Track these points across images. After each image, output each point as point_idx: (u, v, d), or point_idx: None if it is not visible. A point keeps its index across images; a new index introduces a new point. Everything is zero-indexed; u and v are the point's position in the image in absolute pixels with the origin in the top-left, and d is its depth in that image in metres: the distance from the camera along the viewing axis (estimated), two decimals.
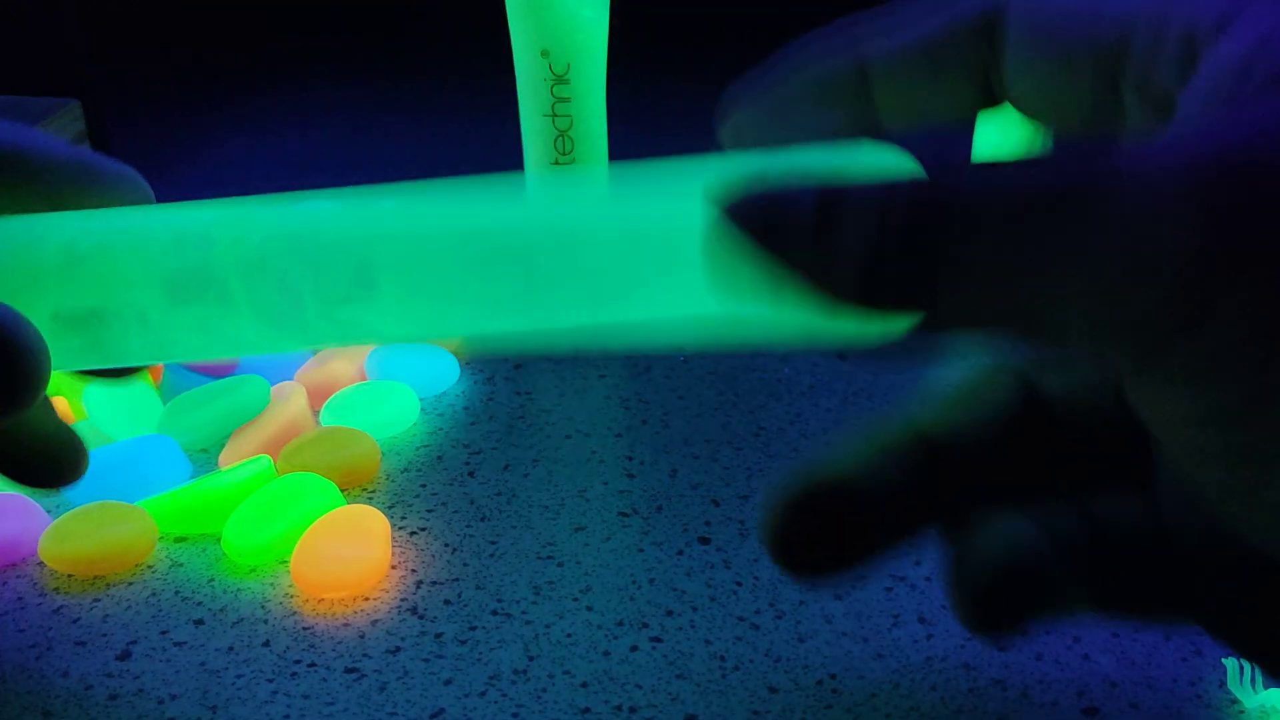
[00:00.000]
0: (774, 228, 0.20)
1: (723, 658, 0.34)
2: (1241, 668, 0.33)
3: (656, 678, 0.33)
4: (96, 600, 0.37)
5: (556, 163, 0.48)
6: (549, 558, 0.38)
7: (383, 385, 0.45)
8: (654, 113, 0.81)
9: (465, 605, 0.36)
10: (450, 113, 0.79)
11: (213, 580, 0.37)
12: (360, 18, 1.01)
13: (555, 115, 0.48)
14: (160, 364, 0.46)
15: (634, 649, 0.34)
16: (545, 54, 0.47)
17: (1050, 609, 0.24)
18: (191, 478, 0.42)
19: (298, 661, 0.34)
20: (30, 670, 0.34)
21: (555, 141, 0.48)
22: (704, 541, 0.39)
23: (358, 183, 0.73)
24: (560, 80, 0.47)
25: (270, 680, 0.33)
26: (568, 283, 0.26)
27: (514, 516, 0.40)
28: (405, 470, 0.43)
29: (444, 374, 0.47)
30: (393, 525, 0.40)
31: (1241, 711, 0.32)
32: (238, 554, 0.38)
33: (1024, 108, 0.24)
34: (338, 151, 0.72)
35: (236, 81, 0.86)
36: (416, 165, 0.70)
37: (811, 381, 0.47)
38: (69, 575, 0.38)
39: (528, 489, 0.41)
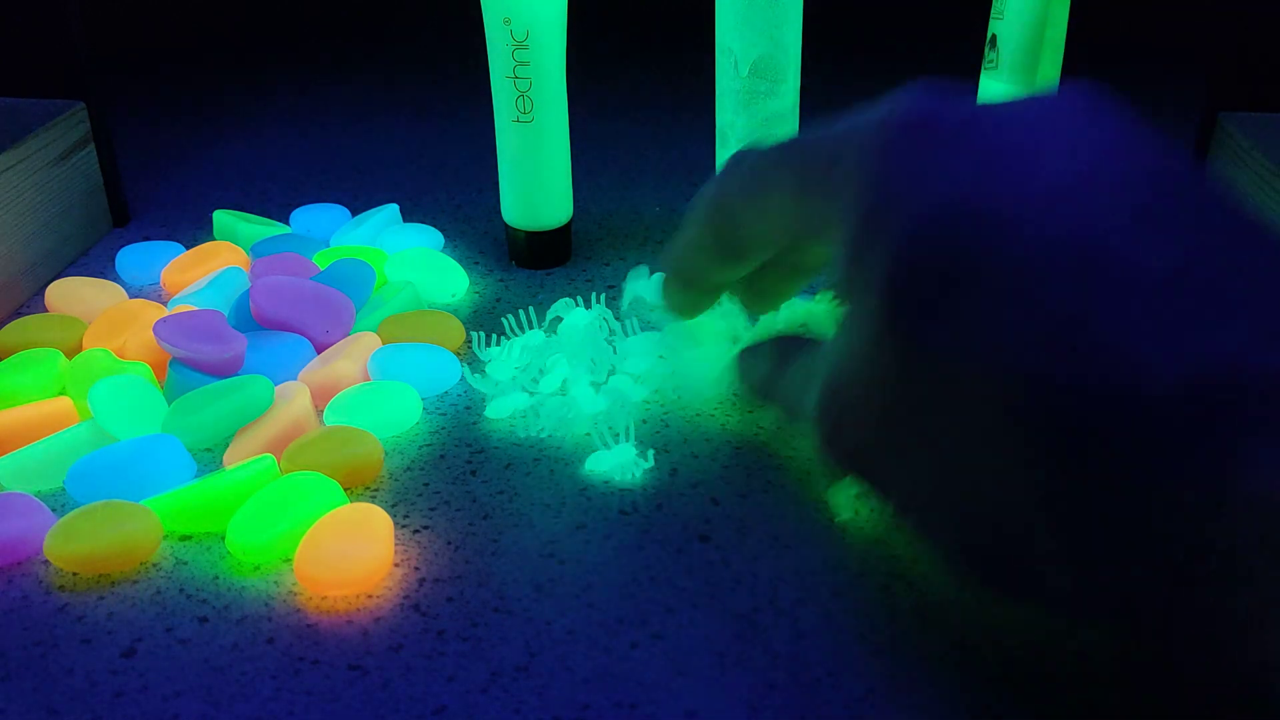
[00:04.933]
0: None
1: (722, 654, 0.34)
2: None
3: (657, 674, 0.34)
4: (101, 598, 0.37)
5: (518, 120, 0.53)
6: (550, 555, 0.38)
7: (385, 385, 0.46)
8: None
9: (467, 603, 0.36)
10: (451, 113, 0.79)
11: (217, 578, 0.38)
12: (359, 19, 1.02)
13: (516, 77, 0.52)
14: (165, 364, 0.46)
15: (634, 646, 0.35)
16: (507, 21, 0.51)
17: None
18: (196, 477, 0.42)
19: (301, 659, 0.34)
20: (35, 668, 0.34)
21: (516, 101, 0.53)
22: (704, 539, 0.39)
23: (357, 182, 0.73)
24: (520, 45, 0.51)
25: (274, 677, 0.34)
26: None
27: (515, 515, 0.40)
28: (408, 469, 0.43)
29: (446, 374, 0.48)
30: (395, 523, 0.40)
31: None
32: (242, 552, 0.38)
33: None
34: (338, 151, 0.73)
35: (238, 83, 0.86)
36: (416, 165, 0.70)
37: None
38: (74, 573, 0.38)
39: (529, 487, 0.42)
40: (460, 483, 0.42)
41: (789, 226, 0.35)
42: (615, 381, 0.46)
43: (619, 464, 0.42)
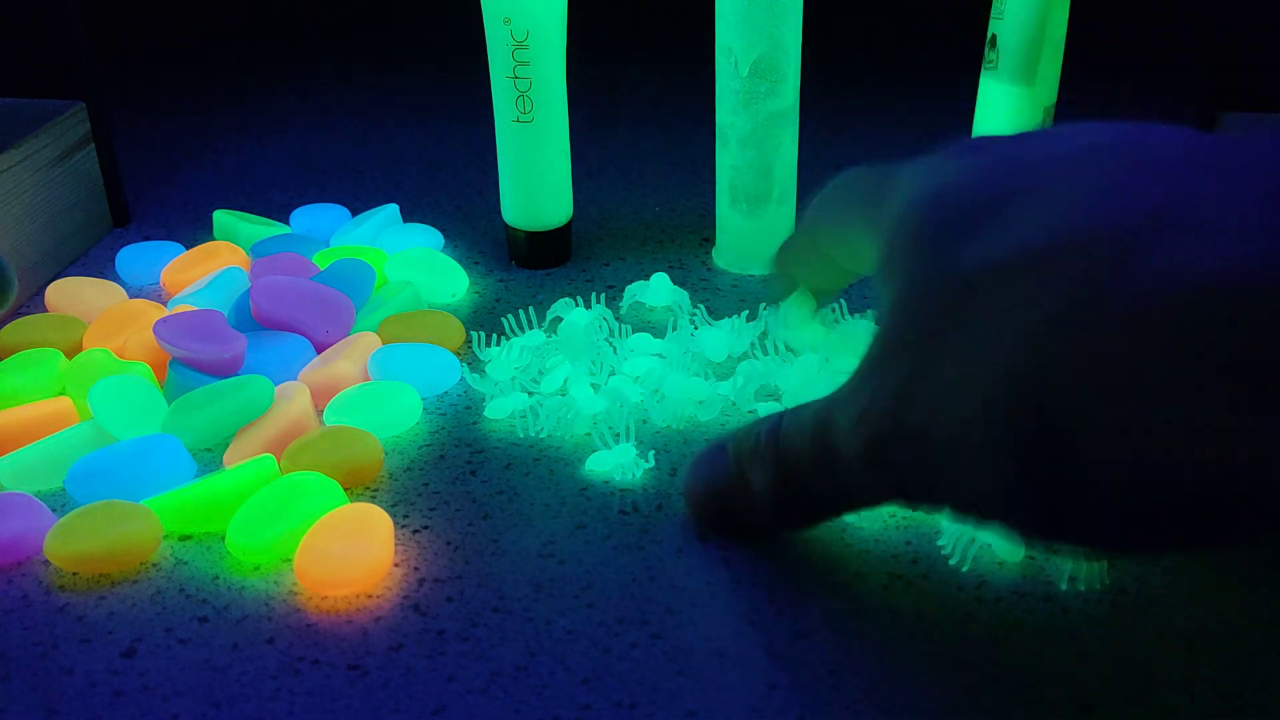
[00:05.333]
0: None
1: (722, 654, 0.34)
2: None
3: (657, 674, 0.34)
4: (101, 598, 0.37)
5: (518, 120, 0.53)
6: (550, 555, 0.38)
7: (385, 385, 0.46)
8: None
9: (467, 603, 0.36)
10: (451, 113, 0.79)
11: (217, 578, 0.38)
12: (359, 19, 1.02)
13: (516, 78, 0.52)
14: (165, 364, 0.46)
15: (634, 646, 0.35)
16: (507, 21, 0.51)
17: None
18: (196, 477, 0.42)
19: (301, 659, 0.34)
20: (35, 668, 0.34)
21: (516, 101, 0.53)
22: (704, 539, 0.39)
23: (357, 182, 0.73)
24: (520, 45, 0.51)
25: (274, 677, 0.34)
26: None
27: (515, 515, 0.40)
28: (408, 469, 0.43)
29: (446, 374, 0.48)
30: (395, 523, 0.40)
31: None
32: (242, 552, 0.38)
33: None
34: (338, 152, 0.73)
35: (238, 83, 0.86)
36: (416, 165, 0.70)
37: None
38: (74, 573, 0.38)
39: (529, 487, 0.42)
40: (460, 483, 0.42)
41: (857, 242, 0.37)
42: (615, 382, 0.46)
43: (619, 464, 0.42)
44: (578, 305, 0.51)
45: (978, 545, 0.37)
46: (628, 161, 0.71)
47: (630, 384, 0.46)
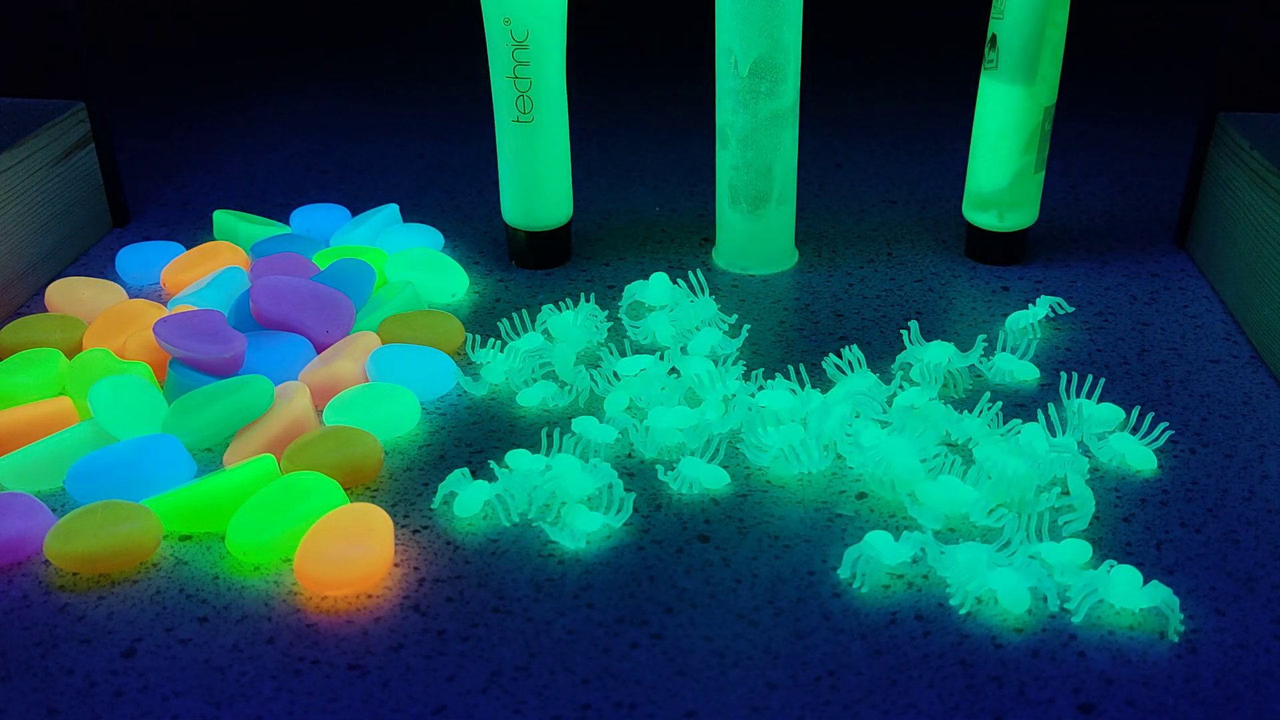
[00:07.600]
0: None
1: (722, 654, 0.34)
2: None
3: (656, 674, 0.34)
4: (101, 598, 0.37)
5: (518, 120, 0.53)
6: (550, 555, 0.38)
7: (385, 386, 0.46)
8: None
9: (467, 603, 0.36)
10: (451, 113, 0.79)
11: (217, 578, 0.38)
12: (359, 19, 1.02)
13: (516, 78, 0.52)
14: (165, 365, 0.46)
15: (634, 646, 0.35)
16: (507, 21, 0.51)
17: None
18: (196, 477, 0.42)
19: (301, 659, 0.34)
20: (35, 668, 0.34)
21: (516, 101, 0.53)
22: (703, 539, 0.39)
23: (357, 183, 0.73)
24: (520, 45, 0.51)
25: (274, 677, 0.34)
26: None
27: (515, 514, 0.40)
28: (408, 469, 0.43)
29: (441, 378, 0.47)
30: (395, 523, 0.40)
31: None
32: (242, 552, 0.38)
33: None
34: (338, 152, 0.73)
35: (239, 84, 0.86)
36: (416, 165, 0.70)
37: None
38: (74, 573, 0.38)
39: None
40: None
41: None
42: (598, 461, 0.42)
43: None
44: (563, 310, 0.51)
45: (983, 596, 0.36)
46: (628, 161, 0.70)
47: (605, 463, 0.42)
